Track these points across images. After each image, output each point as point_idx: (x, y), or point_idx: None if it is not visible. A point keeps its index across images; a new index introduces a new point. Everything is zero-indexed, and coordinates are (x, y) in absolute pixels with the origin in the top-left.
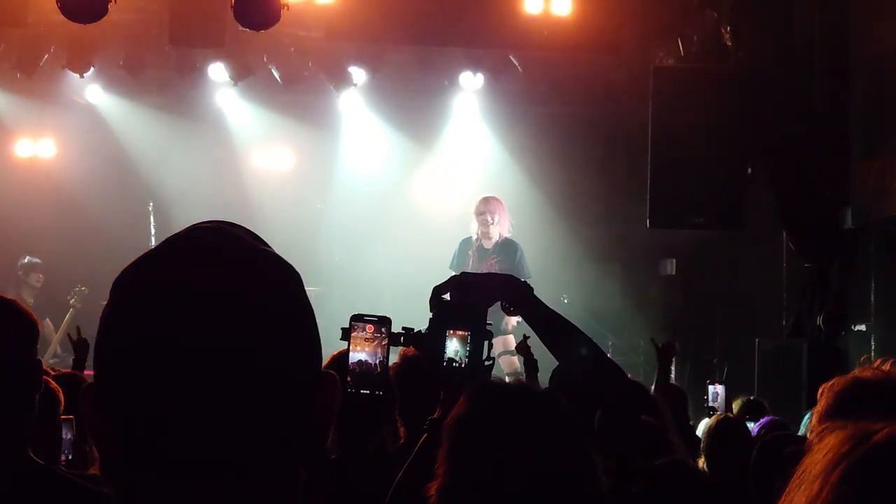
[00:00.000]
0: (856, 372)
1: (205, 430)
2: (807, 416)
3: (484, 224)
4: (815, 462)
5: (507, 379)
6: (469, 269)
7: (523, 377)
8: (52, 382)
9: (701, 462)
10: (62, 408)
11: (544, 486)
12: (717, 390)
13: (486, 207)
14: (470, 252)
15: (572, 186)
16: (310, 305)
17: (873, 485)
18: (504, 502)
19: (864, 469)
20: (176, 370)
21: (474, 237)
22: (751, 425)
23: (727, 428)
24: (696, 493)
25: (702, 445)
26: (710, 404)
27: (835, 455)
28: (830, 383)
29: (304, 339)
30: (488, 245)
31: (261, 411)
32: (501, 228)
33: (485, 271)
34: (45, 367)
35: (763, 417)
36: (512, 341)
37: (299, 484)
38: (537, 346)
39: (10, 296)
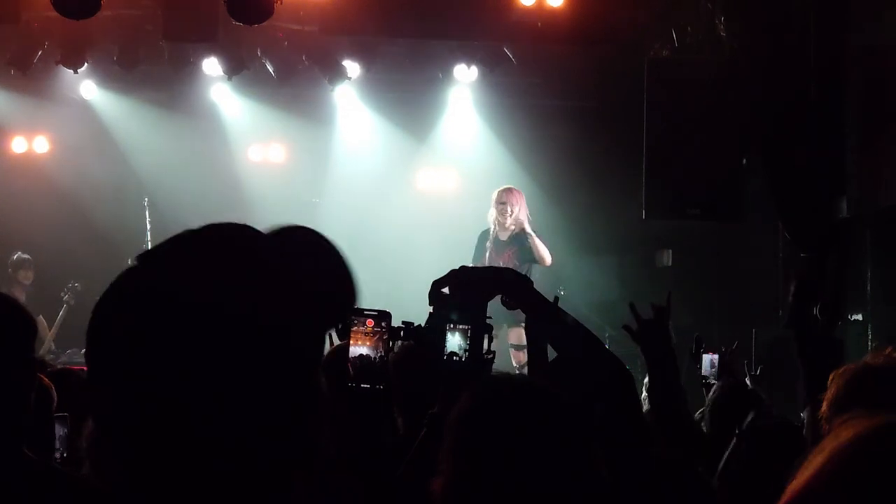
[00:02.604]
0: (866, 359)
1: (188, 431)
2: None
3: (502, 214)
4: (839, 450)
5: (516, 372)
6: (486, 262)
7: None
8: (45, 379)
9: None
10: (55, 404)
11: (547, 482)
12: (712, 359)
13: (506, 198)
14: (487, 244)
15: (567, 178)
16: (304, 314)
17: None
18: (508, 499)
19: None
20: (158, 370)
21: (491, 227)
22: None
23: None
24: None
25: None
26: (705, 374)
27: (862, 446)
28: (841, 370)
29: (295, 346)
30: (504, 237)
31: (249, 413)
32: (520, 219)
33: (501, 263)
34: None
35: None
36: (524, 334)
37: (293, 480)
38: None
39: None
